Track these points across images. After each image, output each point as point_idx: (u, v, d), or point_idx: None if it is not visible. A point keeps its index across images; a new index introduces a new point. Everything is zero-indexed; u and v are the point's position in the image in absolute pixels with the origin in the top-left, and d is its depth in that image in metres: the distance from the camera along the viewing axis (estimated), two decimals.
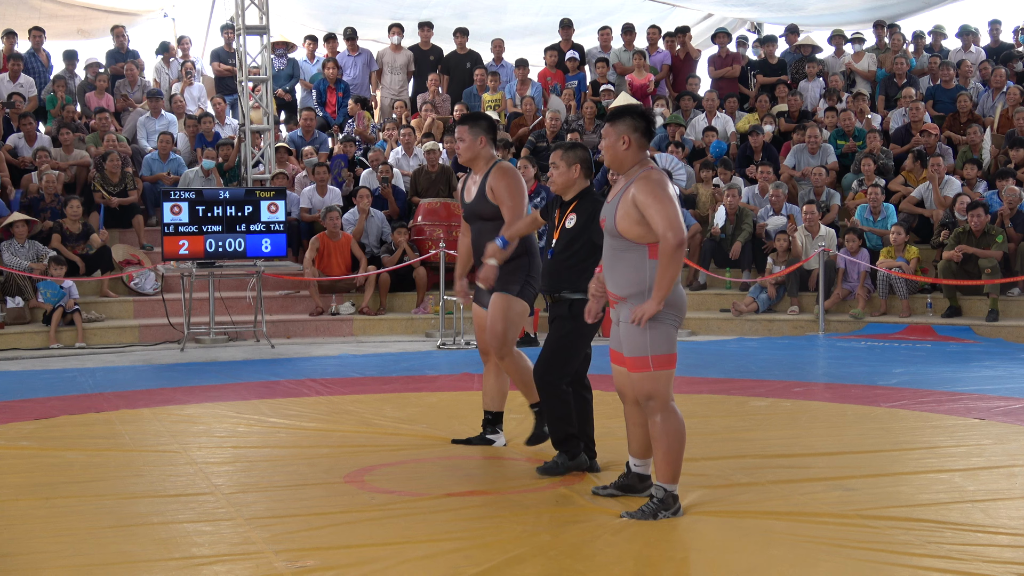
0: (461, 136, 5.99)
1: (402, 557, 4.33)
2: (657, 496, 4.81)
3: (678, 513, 4.82)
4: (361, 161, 14.30)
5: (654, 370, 4.76)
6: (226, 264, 11.25)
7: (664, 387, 4.79)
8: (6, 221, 11.92)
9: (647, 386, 4.78)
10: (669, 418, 4.80)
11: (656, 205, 4.65)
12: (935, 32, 16.13)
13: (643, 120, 4.87)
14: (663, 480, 4.81)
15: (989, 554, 4.31)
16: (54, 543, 4.54)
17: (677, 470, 4.81)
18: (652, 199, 4.66)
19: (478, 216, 5.97)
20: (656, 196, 4.66)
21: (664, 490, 4.80)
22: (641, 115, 4.89)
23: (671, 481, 4.81)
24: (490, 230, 5.84)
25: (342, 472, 5.71)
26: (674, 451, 4.79)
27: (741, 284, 12.78)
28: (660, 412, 4.78)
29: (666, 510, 4.79)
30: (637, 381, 4.82)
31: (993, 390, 8.15)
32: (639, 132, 4.83)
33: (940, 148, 13.56)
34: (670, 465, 4.79)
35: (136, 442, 6.60)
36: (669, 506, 4.80)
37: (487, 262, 5.66)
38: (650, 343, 4.74)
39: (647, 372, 4.77)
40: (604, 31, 16.10)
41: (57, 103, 14.23)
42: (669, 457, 4.79)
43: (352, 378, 9.14)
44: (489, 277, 5.68)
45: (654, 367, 4.76)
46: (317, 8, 17.76)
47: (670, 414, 4.80)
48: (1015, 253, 11.86)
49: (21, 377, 9.37)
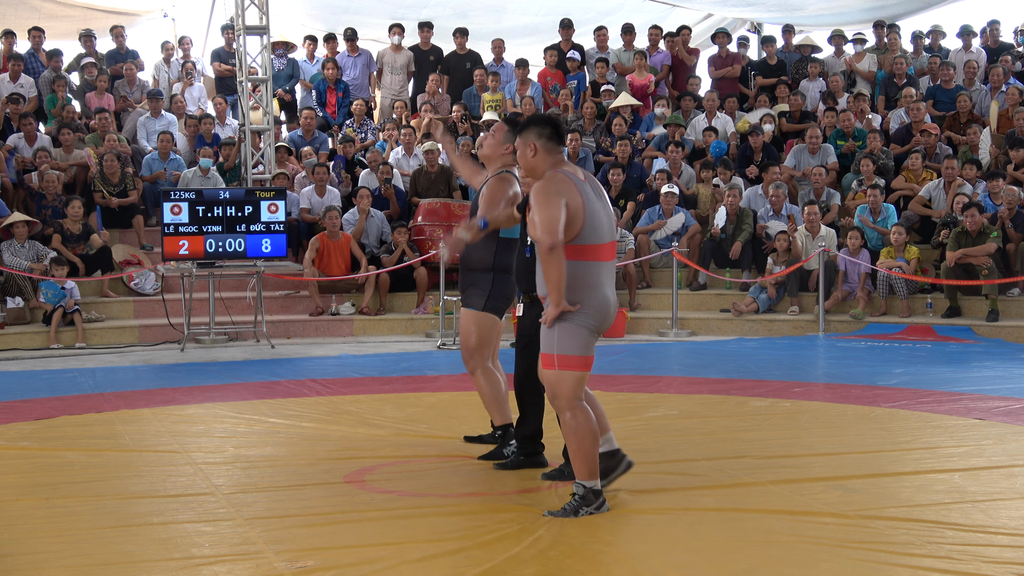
0: (495, 131, 6.01)
1: (402, 557, 4.33)
2: (578, 493, 4.88)
3: (602, 509, 4.87)
4: (360, 161, 14.31)
5: (559, 369, 4.84)
6: (226, 264, 11.26)
7: (569, 387, 4.86)
8: (6, 221, 11.92)
9: (552, 383, 4.89)
10: (576, 416, 4.87)
11: (536, 209, 4.77)
12: (934, 32, 16.13)
13: (548, 126, 5.00)
14: (580, 477, 4.88)
15: (989, 554, 4.31)
16: (54, 543, 4.54)
17: (592, 466, 4.87)
18: (536, 204, 4.79)
19: (472, 214, 6.00)
20: (538, 201, 4.78)
21: (584, 487, 4.87)
22: (546, 121, 5.03)
23: (588, 478, 4.87)
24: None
25: (342, 472, 5.71)
26: (585, 448, 4.86)
27: (741, 284, 12.78)
28: (567, 411, 4.87)
29: (587, 506, 4.84)
30: (544, 377, 4.96)
31: (993, 390, 8.15)
32: (544, 138, 4.96)
33: (940, 148, 13.56)
34: (583, 462, 4.86)
35: (136, 442, 6.60)
36: (591, 502, 4.86)
37: (457, 233, 5.56)
38: (556, 342, 4.83)
39: (552, 370, 4.86)
40: (600, 31, 16.11)
41: (57, 103, 14.24)
42: (580, 454, 4.86)
43: (352, 378, 9.14)
44: (453, 247, 5.52)
45: (559, 366, 4.84)
46: (317, 8, 17.76)
47: (577, 412, 4.87)
48: (1015, 253, 11.86)
49: (21, 377, 9.37)
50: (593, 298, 4.83)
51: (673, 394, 8.22)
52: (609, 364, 9.83)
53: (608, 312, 4.90)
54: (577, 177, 4.89)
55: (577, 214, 4.78)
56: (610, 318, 4.93)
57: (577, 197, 4.79)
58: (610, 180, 13.56)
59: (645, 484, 5.37)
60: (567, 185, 4.82)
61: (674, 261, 12.23)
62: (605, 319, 4.89)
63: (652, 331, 12.24)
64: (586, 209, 4.80)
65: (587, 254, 4.83)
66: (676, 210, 13.13)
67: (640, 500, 5.12)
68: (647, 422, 6.99)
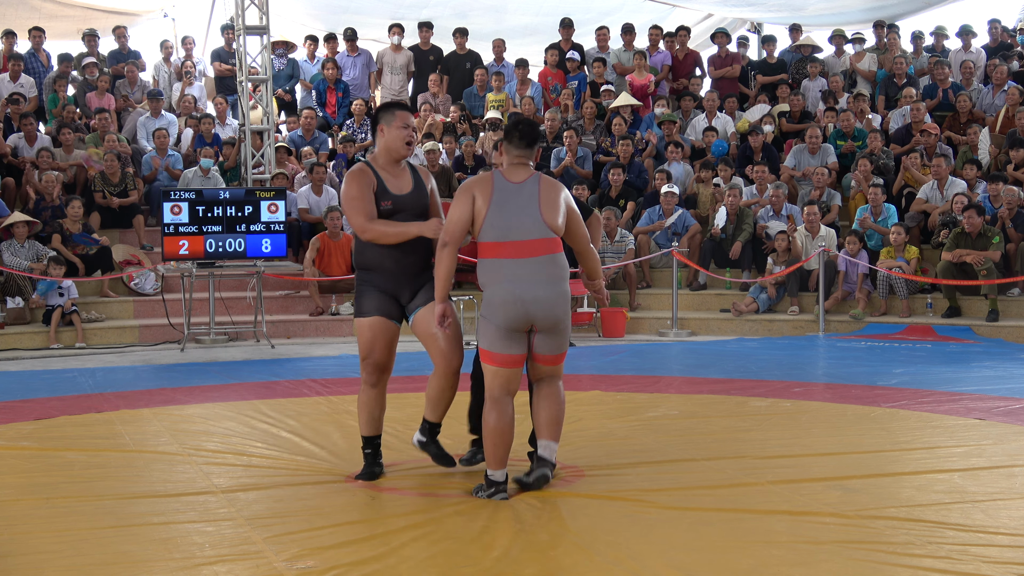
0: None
1: (402, 557, 4.33)
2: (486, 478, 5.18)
3: (494, 497, 5.09)
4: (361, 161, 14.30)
5: (483, 362, 5.19)
6: (226, 264, 11.26)
7: (489, 381, 5.15)
8: (6, 221, 11.92)
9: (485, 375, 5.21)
10: (490, 412, 5.12)
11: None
12: (936, 33, 16.13)
13: (513, 128, 5.24)
14: (487, 466, 5.19)
15: (989, 554, 4.31)
16: (54, 543, 4.54)
17: (493, 458, 5.12)
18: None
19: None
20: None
21: (486, 475, 5.18)
22: (514, 125, 5.27)
23: (491, 467, 5.15)
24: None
25: (342, 472, 5.72)
26: (488, 443, 5.12)
27: (741, 284, 12.78)
28: (486, 403, 5.17)
29: (484, 491, 5.16)
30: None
31: (993, 390, 8.14)
32: (506, 140, 5.26)
33: (940, 148, 13.55)
34: (487, 453, 5.16)
35: (136, 442, 6.60)
36: (486, 489, 5.16)
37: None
38: (478, 336, 5.21)
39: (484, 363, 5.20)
40: (601, 31, 16.11)
41: (58, 103, 14.23)
42: (486, 446, 5.16)
43: (352, 378, 9.12)
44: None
45: (481, 359, 5.21)
46: (317, 8, 17.76)
47: (491, 407, 5.13)
48: (1015, 253, 11.86)
49: (21, 377, 9.38)
50: (492, 293, 5.08)
51: (673, 394, 8.22)
52: (609, 364, 9.83)
53: (504, 306, 5.04)
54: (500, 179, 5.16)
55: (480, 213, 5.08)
56: (519, 316, 5.04)
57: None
58: (610, 180, 13.56)
59: (645, 484, 5.37)
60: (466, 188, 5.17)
61: (674, 261, 12.23)
62: (502, 314, 5.04)
63: (652, 331, 12.25)
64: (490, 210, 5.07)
65: (488, 251, 5.10)
66: (676, 209, 13.13)
67: (640, 500, 5.12)
68: (647, 422, 6.99)
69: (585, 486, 5.38)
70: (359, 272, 5.51)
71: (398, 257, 5.39)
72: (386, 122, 5.50)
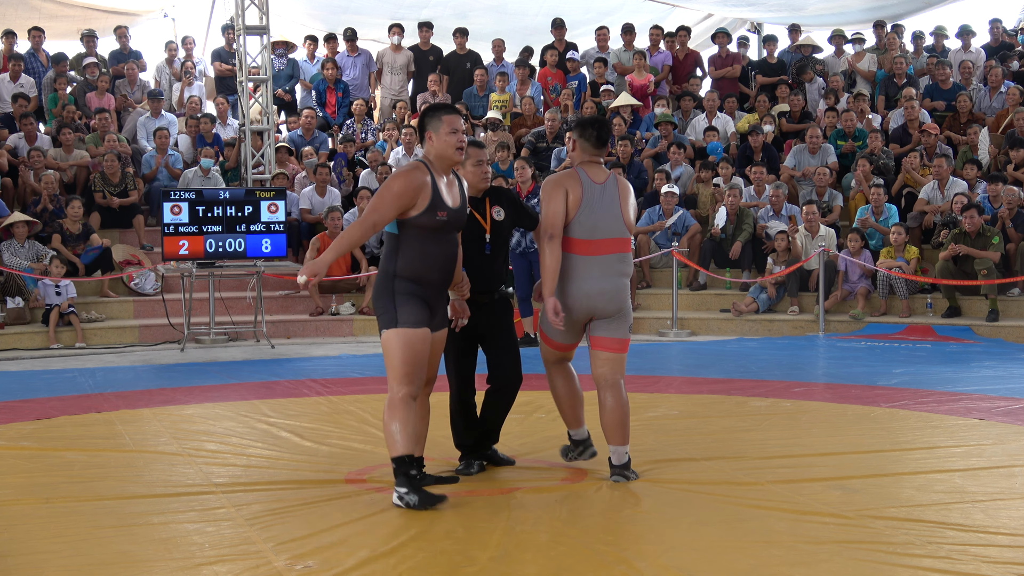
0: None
1: (402, 557, 4.33)
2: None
3: (583, 456, 5.66)
4: (361, 161, 14.31)
5: (540, 339, 5.62)
6: (226, 264, 11.26)
7: (544, 353, 5.60)
8: (6, 221, 11.92)
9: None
10: (554, 378, 5.59)
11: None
12: (937, 33, 16.13)
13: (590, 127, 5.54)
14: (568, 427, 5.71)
15: (989, 554, 4.31)
16: (54, 543, 4.54)
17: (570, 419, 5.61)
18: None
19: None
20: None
21: (569, 436, 5.70)
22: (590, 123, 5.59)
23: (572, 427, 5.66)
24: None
25: (342, 472, 5.72)
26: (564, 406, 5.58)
27: (741, 284, 12.77)
28: (548, 370, 5.64)
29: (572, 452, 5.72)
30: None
31: (993, 390, 8.14)
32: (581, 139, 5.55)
33: (940, 148, 13.55)
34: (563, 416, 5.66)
35: (136, 442, 6.60)
36: (572, 449, 5.72)
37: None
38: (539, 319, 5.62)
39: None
40: (601, 31, 16.11)
41: (58, 103, 14.24)
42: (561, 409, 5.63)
43: (352, 378, 9.14)
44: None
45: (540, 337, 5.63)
46: (317, 8, 17.76)
47: (553, 373, 5.58)
48: (1015, 253, 11.86)
49: (21, 377, 9.38)
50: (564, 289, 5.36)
51: (673, 394, 8.22)
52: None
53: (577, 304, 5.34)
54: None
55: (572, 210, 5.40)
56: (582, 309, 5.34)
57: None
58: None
59: (645, 484, 5.37)
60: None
61: (674, 261, 12.23)
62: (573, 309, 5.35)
63: (652, 331, 12.24)
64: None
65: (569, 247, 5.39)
66: (676, 209, 13.13)
67: (640, 500, 5.12)
68: (647, 422, 6.99)
69: (585, 486, 5.38)
70: (399, 281, 4.99)
71: (444, 274, 5.09)
72: (433, 128, 5.14)
